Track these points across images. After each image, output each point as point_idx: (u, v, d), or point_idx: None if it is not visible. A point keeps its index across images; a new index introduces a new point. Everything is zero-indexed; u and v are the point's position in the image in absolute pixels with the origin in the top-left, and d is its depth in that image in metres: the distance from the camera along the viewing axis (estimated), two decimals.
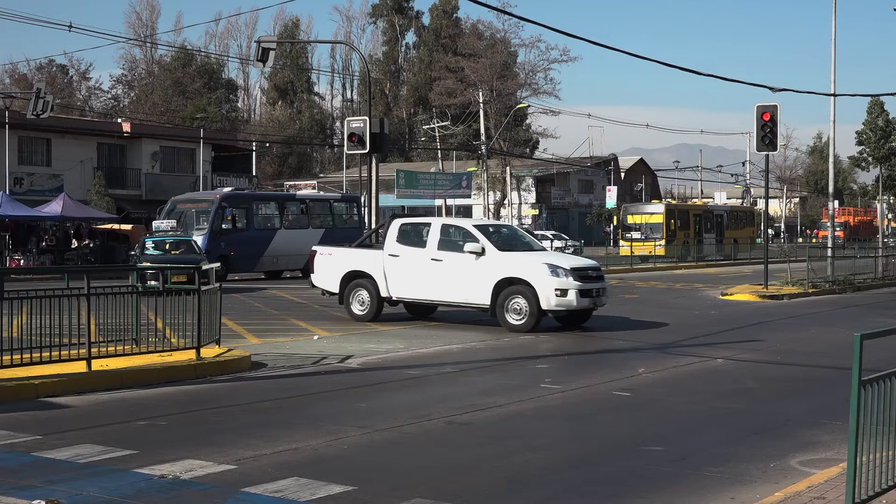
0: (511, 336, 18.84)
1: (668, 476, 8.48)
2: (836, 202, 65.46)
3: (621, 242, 56.21)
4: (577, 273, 19.35)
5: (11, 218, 40.19)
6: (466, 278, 19.79)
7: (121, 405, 11.44)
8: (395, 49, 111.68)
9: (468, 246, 19.77)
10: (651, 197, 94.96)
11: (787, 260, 36.59)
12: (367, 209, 42.77)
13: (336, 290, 21.52)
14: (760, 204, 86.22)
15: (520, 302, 19.22)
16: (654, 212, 55.93)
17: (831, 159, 40.48)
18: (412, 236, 21.08)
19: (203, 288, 14.30)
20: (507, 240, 21.10)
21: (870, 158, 51.65)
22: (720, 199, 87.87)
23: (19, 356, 12.21)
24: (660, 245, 53.46)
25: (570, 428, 10.73)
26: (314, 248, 23.05)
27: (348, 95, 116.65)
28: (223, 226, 35.74)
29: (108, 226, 43.88)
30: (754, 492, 7.89)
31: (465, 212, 78.89)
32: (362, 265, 21.24)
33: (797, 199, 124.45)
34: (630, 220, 56.61)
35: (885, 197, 57.33)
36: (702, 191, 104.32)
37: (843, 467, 7.63)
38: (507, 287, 19.38)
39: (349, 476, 8.11)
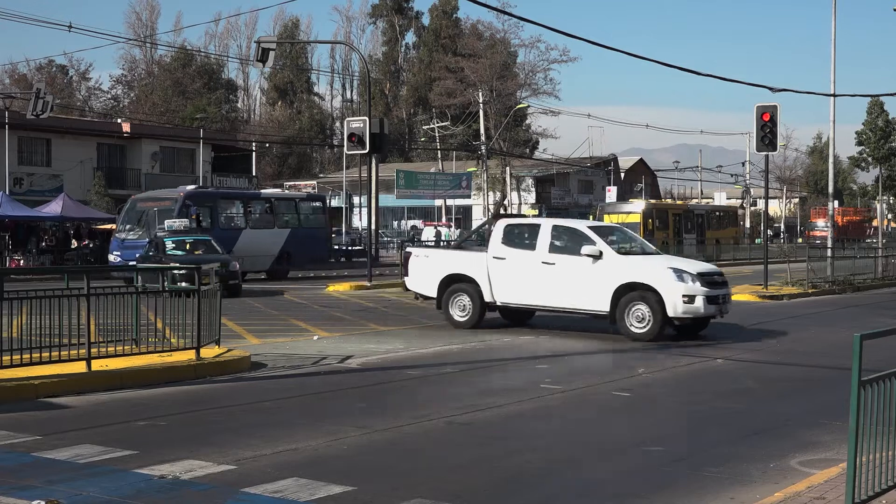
0: (511, 336, 18.83)
1: (668, 476, 8.49)
2: (837, 202, 65.43)
3: None
4: (703, 278, 18.31)
5: (11, 218, 40.22)
6: (582, 283, 18.59)
7: (121, 405, 11.44)
8: (394, 49, 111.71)
9: (585, 248, 18.54)
10: (651, 197, 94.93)
11: (786, 260, 36.59)
12: (367, 209, 42.79)
13: (433, 294, 20.44)
14: (760, 204, 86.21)
15: (642, 309, 18.03)
16: (631, 211, 53.99)
17: (831, 159, 40.51)
18: (519, 238, 19.90)
19: (203, 288, 14.30)
20: (621, 242, 20.05)
21: (869, 159, 51.68)
22: (720, 199, 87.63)
23: (19, 356, 12.21)
24: None
25: (569, 428, 10.73)
26: (408, 248, 22.07)
27: (348, 96, 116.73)
28: (189, 225, 33.87)
29: (108, 226, 43.89)
30: (754, 492, 7.89)
31: (465, 212, 78.95)
32: (464, 268, 20.10)
33: (797, 200, 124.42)
34: (606, 219, 54.54)
35: (884, 197, 57.33)
36: (701, 191, 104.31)
37: (842, 467, 7.63)
38: (628, 293, 18.17)
39: (349, 476, 8.11)
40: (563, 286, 18.87)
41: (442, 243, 44.06)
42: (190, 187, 38.76)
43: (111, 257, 34.40)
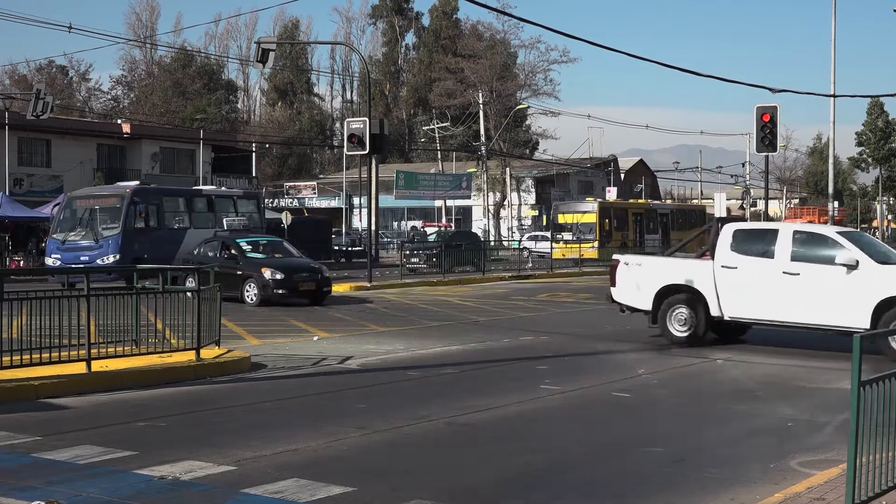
0: (510, 338, 18.83)
1: (669, 477, 8.49)
2: (837, 203, 65.43)
3: (552, 245, 49.81)
4: None
5: (11, 219, 40.22)
6: (834, 296, 16.46)
7: (120, 406, 11.43)
8: (394, 50, 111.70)
9: (840, 256, 16.41)
10: (651, 198, 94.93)
11: None
12: (367, 210, 42.75)
13: (646, 306, 18.31)
14: (760, 205, 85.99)
15: None
16: (586, 210, 51.33)
17: (831, 160, 40.55)
18: (753, 244, 17.74)
19: (202, 289, 14.30)
20: (873, 248, 17.86)
21: (869, 159, 51.80)
22: (720, 200, 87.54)
23: (19, 357, 12.20)
24: (592, 247, 47.71)
25: (570, 429, 10.72)
26: (616, 256, 20.01)
27: (348, 96, 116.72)
28: (136, 224, 31.02)
29: None
30: (754, 493, 7.89)
31: (465, 213, 78.93)
32: (684, 278, 18.03)
33: (797, 200, 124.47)
34: (561, 219, 51.55)
35: (884, 198, 57.40)
36: (701, 192, 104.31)
37: (842, 468, 7.63)
38: (893, 308, 15.98)
39: (349, 477, 8.11)
40: (810, 299, 16.70)
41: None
42: (133, 183, 35.83)
43: (49, 261, 31.24)
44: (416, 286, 32.84)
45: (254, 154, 71.37)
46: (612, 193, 77.81)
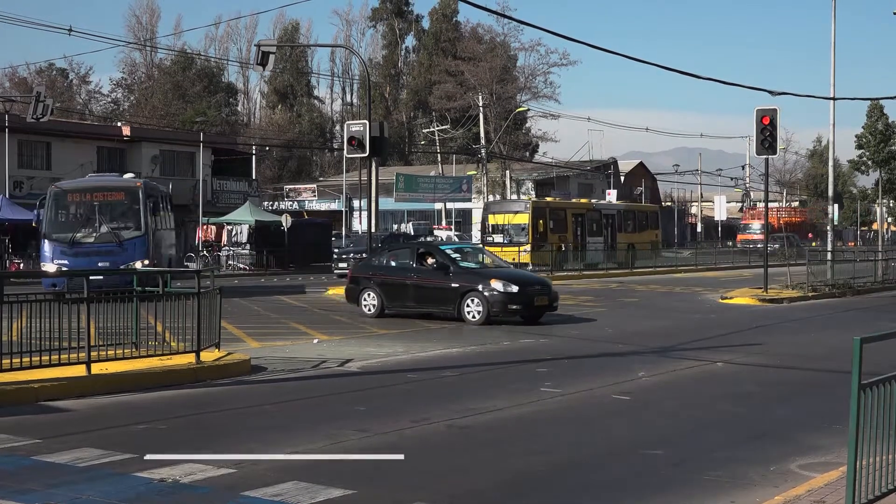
0: (510, 340, 18.83)
1: (668, 479, 8.49)
2: (837, 206, 65.42)
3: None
4: None
5: (11, 221, 40.22)
6: None
7: (120, 409, 11.43)
8: (394, 53, 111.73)
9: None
10: (650, 201, 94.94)
11: (786, 263, 36.57)
12: (367, 212, 42.74)
13: None
14: (760, 207, 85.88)
15: None
16: (517, 210, 46.66)
17: (831, 163, 40.49)
18: None
19: (202, 291, 14.29)
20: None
21: (869, 162, 51.69)
22: (720, 202, 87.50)
23: (19, 360, 12.20)
24: (524, 251, 43.51)
25: (569, 431, 10.72)
26: None
27: (348, 99, 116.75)
28: (150, 223, 27.72)
29: None
30: (754, 495, 7.89)
31: (465, 216, 78.98)
32: None
33: (797, 203, 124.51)
34: (492, 220, 47.07)
35: (884, 200, 57.36)
36: (701, 194, 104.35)
37: (842, 471, 7.63)
38: None
39: (348, 480, 8.11)
40: None
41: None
42: (128, 175, 31.94)
43: (49, 267, 25.87)
44: None
45: (254, 157, 71.38)
46: (611, 196, 77.91)
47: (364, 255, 40.06)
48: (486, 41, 78.56)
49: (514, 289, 21.29)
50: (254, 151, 72.34)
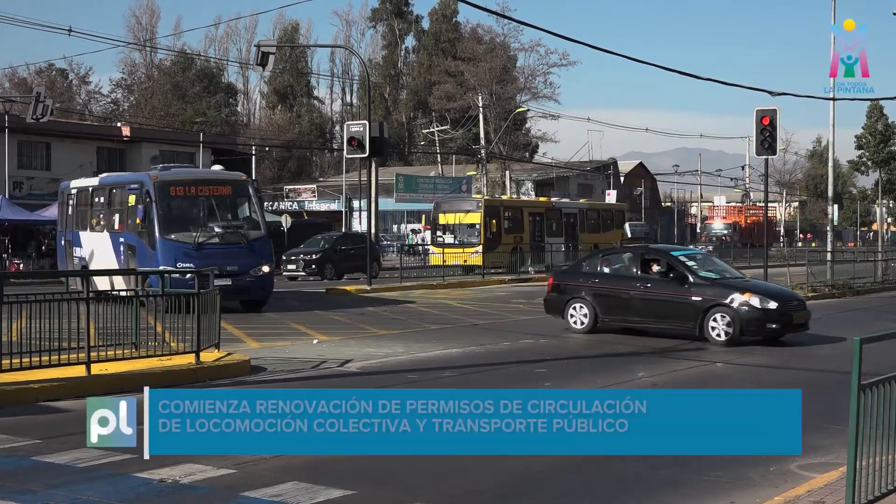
0: (510, 341, 18.83)
1: (669, 479, 8.49)
2: (836, 206, 65.38)
3: (432, 249, 43.61)
4: None
5: (11, 222, 40.24)
6: None
7: None
8: (394, 53, 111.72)
9: None
10: (650, 201, 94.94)
11: (786, 264, 36.58)
12: (366, 213, 42.71)
13: None
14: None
15: None
16: (469, 209, 43.53)
17: (831, 163, 40.52)
18: None
19: (201, 291, 14.29)
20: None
21: (869, 162, 51.74)
22: (720, 202, 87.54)
23: (19, 360, 12.20)
24: (475, 252, 40.92)
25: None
26: None
27: (348, 99, 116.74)
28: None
29: None
30: (754, 496, 7.89)
31: None
32: None
33: (797, 204, 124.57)
34: (442, 219, 43.84)
35: (884, 201, 57.38)
36: (701, 195, 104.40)
37: (842, 471, 7.63)
38: None
39: (348, 481, 8.11)
40: None
41: None
42: (217, 167, 30.13)
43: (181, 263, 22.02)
44: (415, 289, 32.85)
45: (253, 157, 71.36)
46: (611, 196, 77.95)
47: (314, 256, 38.69)
48: (485, 42, 78.57)
49: (773, 305, 18.07)
50: (253, 152, 72.32)
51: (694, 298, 18.50)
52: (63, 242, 29.14)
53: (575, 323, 19.92)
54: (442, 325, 21.41)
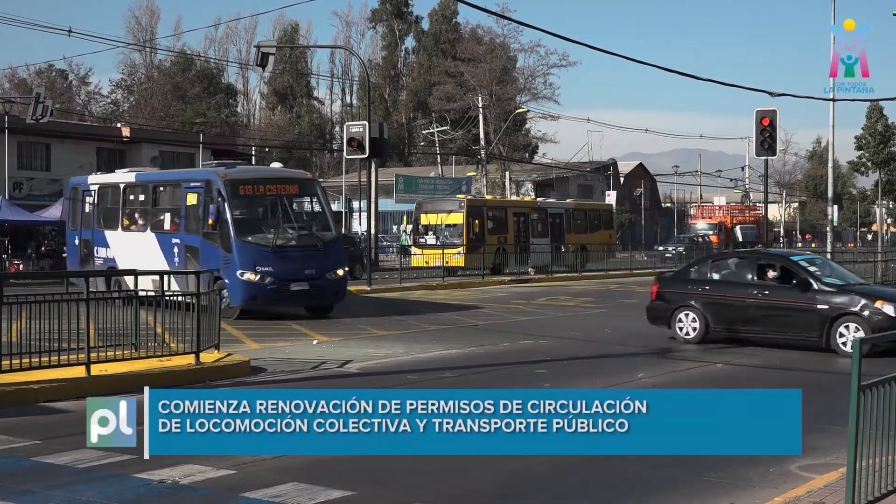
0: (510, 341, 18.83)
1: (668, 480, 8.48)
2: (836, 207, 65.35)
3: (414, 251, 43.15)
4: None
5: (11, 222, 40.22)
6: None
7: None
8: (394, 54, 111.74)
9: None
10: (650, 202, 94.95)
11: None
12: (366, 213, 42.75)
13: None
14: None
15: None
16: (451, 210, 42.50)
17: (830, 164, 40.53)
18: None
19: (201, 292, 14.29)
20: None
21: (869, 163, 51.80)
22: (719, 203, 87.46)
23: (18, 361, 12.20)
24: (457, 253, 40.20)
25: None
26: None
27: (348, 100, 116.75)
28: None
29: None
30: (754, 496, 7.89)
31: None
32: None
33: (796, 204, 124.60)
34: (424, 220, 43.08)
35: (884, 201, 57.40)
36: (700, 195, 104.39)
37: (842, 472, 7.63)
38: None
39: (348, 481, 8.11)
40: None
41: None
42: (277, 164, 27.60)
43: (252, 276, 21.44)
44: (415, 290, 32.85)
45: (253, 157, 71.37)
46: (611, 197, 77.97)
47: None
48: (485, 42, 78.58)
49: None
50: (253, 152, 72.32)
51: (819, 307, 17.30)
52: (77, 242, 27.15)
53: (684, 332, 18.69)
54: (442, 326, 21.40)
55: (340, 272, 22.74)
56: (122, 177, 26.81)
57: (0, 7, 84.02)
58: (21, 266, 38.76)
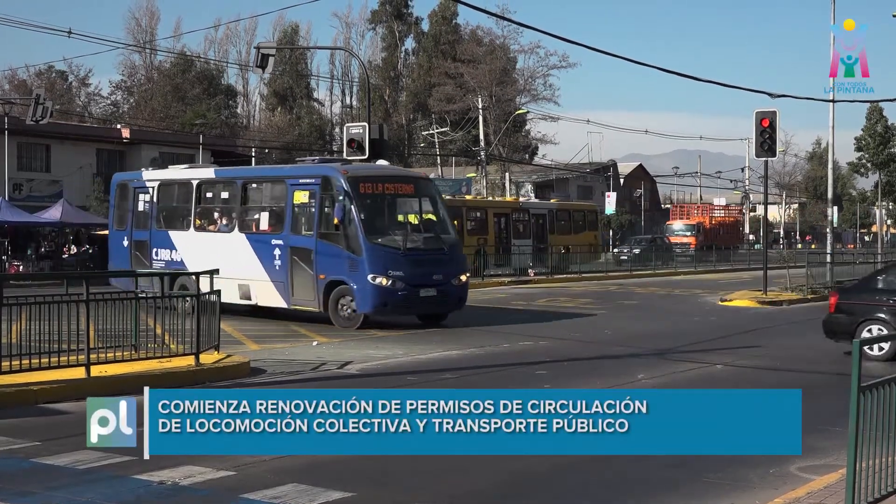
0: (510, 343, 18.83)
1: (668, 481, 8.48)
2: (836, 208, 65.34)
3: None
4: None
5: (10, 224, 40.21)
6: None
7: None
8: (394, 55, 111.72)
9: None
10: (650, 203, 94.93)
11: (786, 266, 36.59)
12: None
13: None
14: (760, 210, 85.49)
15: None
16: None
17: (830, 165, 40.52)
18: None
19: (201, 293, 14.29)
20: None
21: (869, 164, 51.80)
22: (719, 204, 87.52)
23: (18, 362, 12.19)
24: None
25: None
26: None
27: (347, 101, 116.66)
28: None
29: (108, 231, 43.70)
30: (754, 497, 7.89)
31: None
32: None
33: (796, 205, 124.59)
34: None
35: (883, 203, 57.39)
36: (700, 196, 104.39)
37: (842, 473, 7.63)
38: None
39: (348, 482, 8.10)
40: None
41: None
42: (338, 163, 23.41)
43: (384, 280, 20.22)
44: None
45: (253, 159, 71.38)
46: (611, 199, 77.97)
47: None
48: (485, 43, 78.60)
49: None
50: (253, 154, 72.34)
51: None
52: (126, 244, 25.31)
53: (871, 349, 16.74)
54: (442, 328, 21.38)
55: (464, 278, 21.84)
56: (194, 172, 25.16)
57: (0, 8, 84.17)
58: (21, 267, 38.76)
